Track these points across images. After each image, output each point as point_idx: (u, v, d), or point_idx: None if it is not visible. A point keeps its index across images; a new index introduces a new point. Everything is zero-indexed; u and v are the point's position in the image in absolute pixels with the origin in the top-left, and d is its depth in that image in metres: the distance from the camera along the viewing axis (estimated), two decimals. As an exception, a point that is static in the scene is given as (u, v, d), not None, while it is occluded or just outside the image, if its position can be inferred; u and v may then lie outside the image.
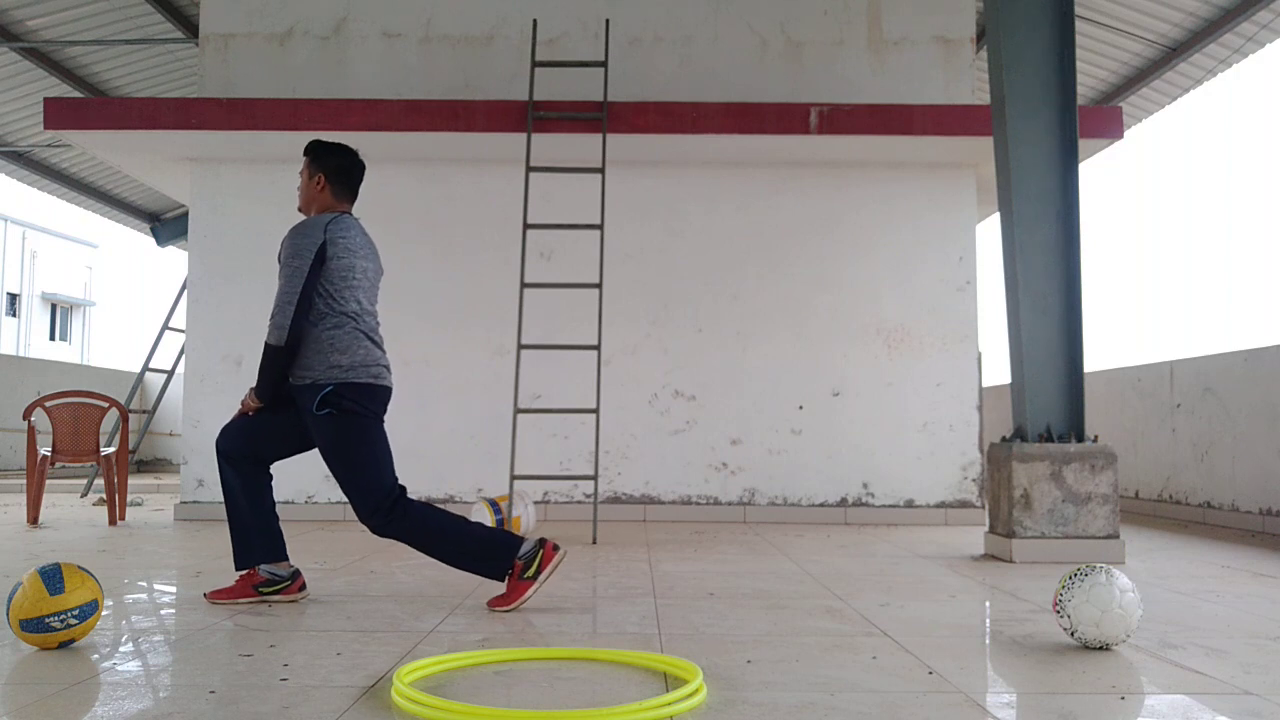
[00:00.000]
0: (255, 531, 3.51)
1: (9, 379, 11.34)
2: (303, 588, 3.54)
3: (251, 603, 3.44)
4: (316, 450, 3.53)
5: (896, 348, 6.78)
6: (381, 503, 3.39)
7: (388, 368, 3.59)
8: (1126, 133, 6.61)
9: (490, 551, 3.40)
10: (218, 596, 3.47)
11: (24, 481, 7.12)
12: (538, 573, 3.35)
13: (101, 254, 35.40)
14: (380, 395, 3.54)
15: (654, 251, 6.83)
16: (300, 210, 3.71)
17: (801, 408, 6.75)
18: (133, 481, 9.40)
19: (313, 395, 3.40)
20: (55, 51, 8.69)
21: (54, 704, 2.23)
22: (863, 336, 6.79)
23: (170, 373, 9.23)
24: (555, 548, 3.40)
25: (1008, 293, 4.92)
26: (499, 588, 3.48)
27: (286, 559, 3.54)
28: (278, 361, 3.41)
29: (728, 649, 2.78)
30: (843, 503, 6.68)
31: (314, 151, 3.67)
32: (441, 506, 6.61)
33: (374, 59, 6.90)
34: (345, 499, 3.50)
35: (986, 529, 5.04)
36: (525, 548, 3.38)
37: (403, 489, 3.49)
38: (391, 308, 6.88)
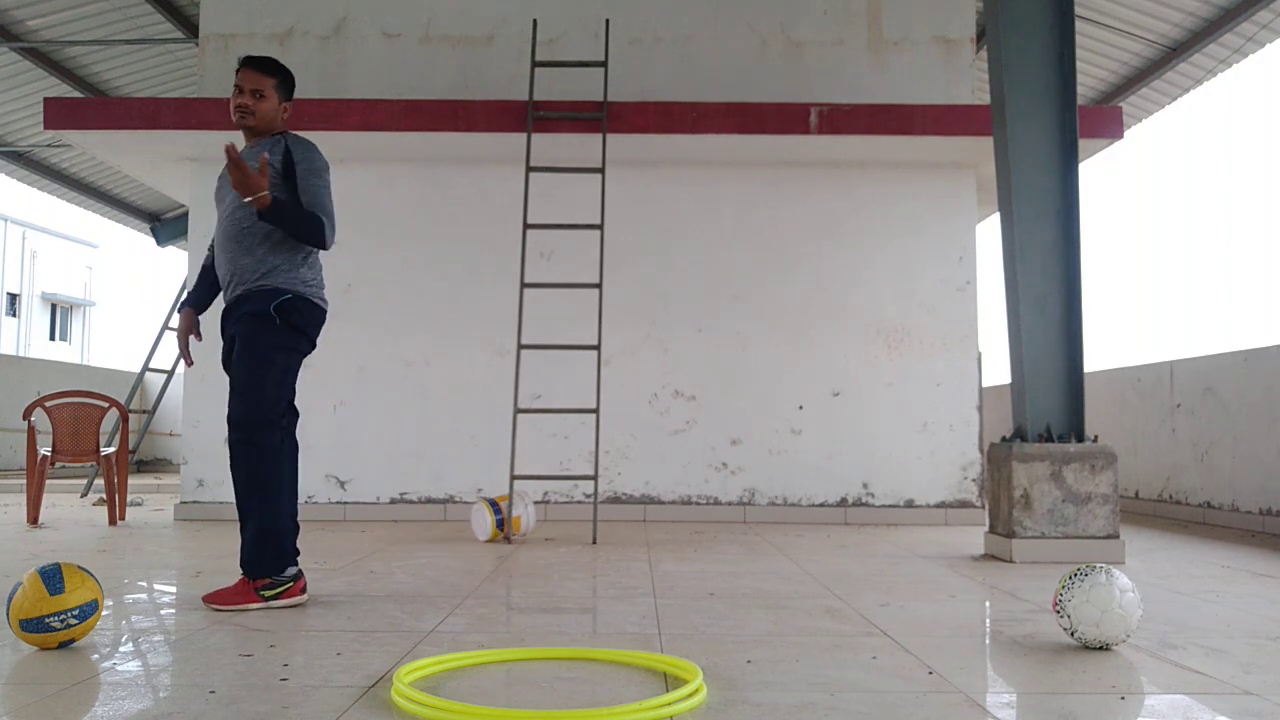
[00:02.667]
0: (292, 531, 3.43)
1: (9, 379, 11.34)
2: (304, 589, 3.44)
3: (260, 609, 3.33)
4: (312, 454, 3.50)
5: (896, 348, 6.78)
6: (270, 415, 3.37)
7: None
8: (1126, 133, 6.61)
9: (267, 549, 3.33)
10: (219, 601, 3.32)
11: (24, 481, 7.12)
12: (273, 598, 3.33)
13: (101, 254, 35.41)
14: (321, 318, 3.61)
15: (654, 251, 6.83)
16: (253, 127, 3.66)
17: (801, 408, 6.75)
18: (133, 481, 9.41)
19: (268, 299, 3.42)
20: (55, 51, 8.69)
21: (54, 704, 2.23)
22: (863, 336, 6.79)
23: (170, 373, 9.23)
24: (303, 589, 3.39)
25: (1008, 293, 4.92)
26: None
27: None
28: (308, 238, 3.49)
29: (728, 649, 2.78)
30: (843, 503, 6.68)
31: (286, 76, 3.66)
32: (441, 507, 6.66)
33: (374, 59, 6.90)
34: (344, 498, 3.47)
35: (986, 529, 5.04)
36: (289, 571, 3.36)
37: (289, 421, 3.44)
38: (391, 308, 6.92)
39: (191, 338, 3.76)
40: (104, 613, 3.22)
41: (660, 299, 6.80)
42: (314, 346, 3.60)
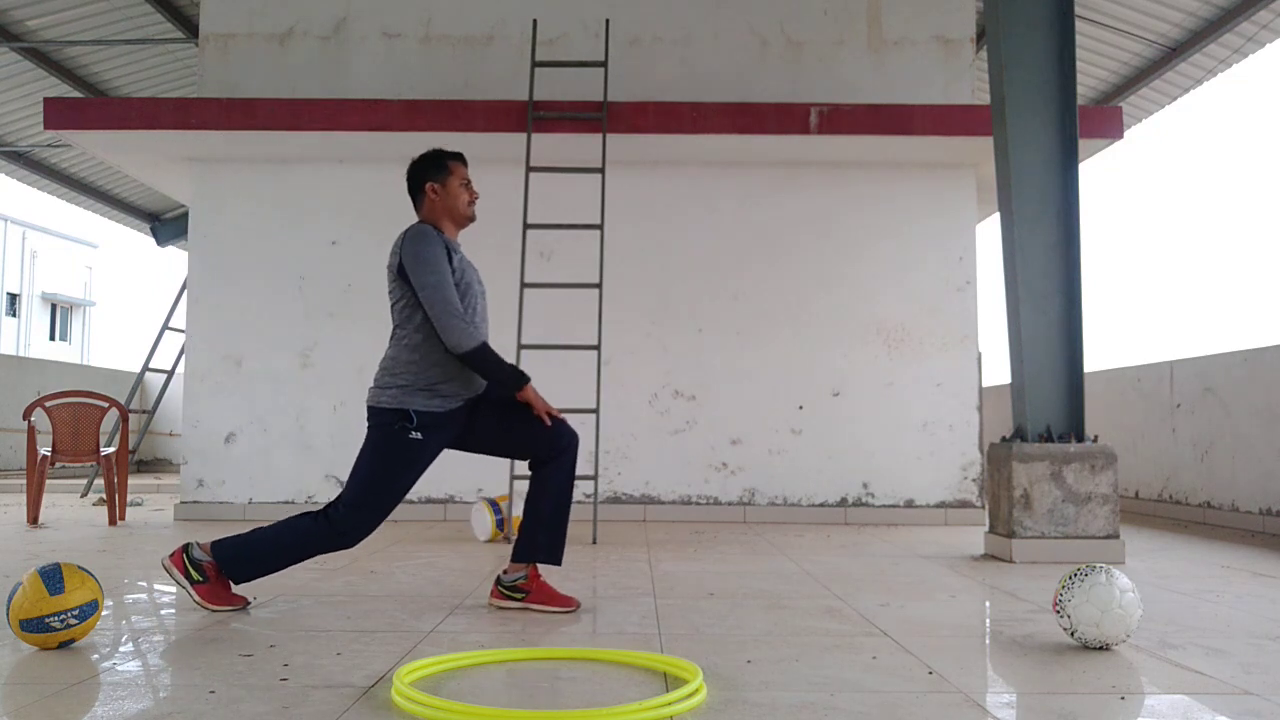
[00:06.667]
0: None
1: (9, 379, 11.34)
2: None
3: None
4: (322, 451, 3.50)
5: (896, 348, 6.79)
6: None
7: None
8: (1126, 133, 6.61)
9: (246, 555, 3.31)
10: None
11: (24, 481, 7.12)
12: (189, 578, 3.28)
13: (101, 254, 35.42)
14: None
15: (654, 251, 6.84)
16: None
17: (801, 408, 6.75)
18: (133, 481, 9.41)
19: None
20: (55, 51, 8.69)
21: (54, 704, 2.23)
22: (863, 336, 6.79)
23: (170, 373, 9.23)
24: (245, 603, 3.34)
25: (1008, 293, 4.92)
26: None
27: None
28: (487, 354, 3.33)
29: (728, 649, 2.78)
30: (843, 503, 6.68)
31: None
32: (441, 507, 6.66)
33: (374, 59, 6.90)
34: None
35: (986, 529, 5.04)
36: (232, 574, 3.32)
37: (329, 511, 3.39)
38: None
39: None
40: (104, 613, 3.22)
41: (660, 299, 6.80)
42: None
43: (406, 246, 3.34)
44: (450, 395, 3.34)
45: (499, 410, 3.45)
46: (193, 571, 3.29)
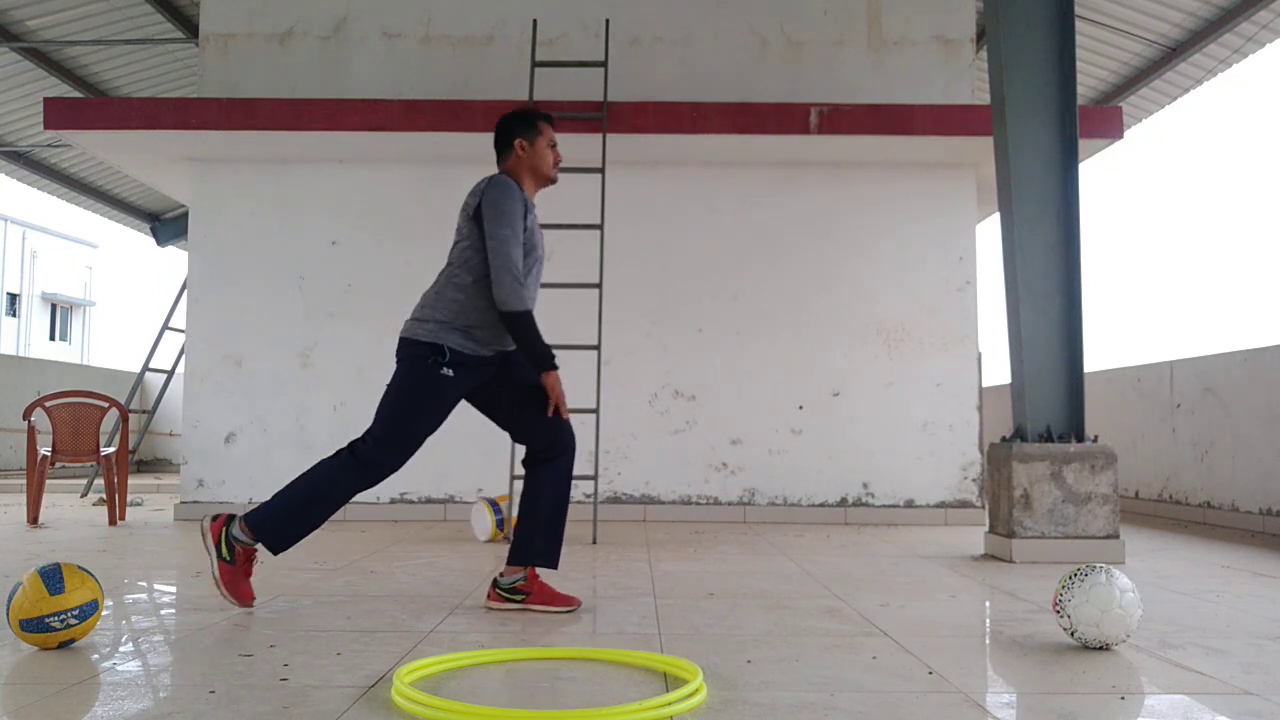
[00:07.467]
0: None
1: (9, 379, 11.34)
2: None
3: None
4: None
5: (896, 348, 6.79)
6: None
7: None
8: (1126, 133, 6.61)
9: (280, 517, 3.28)
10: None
11: (24, 481, 7.12)
12: (231, 560, 3.26)
13: (101, 254, 35.43)
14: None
15: (654, 251, 6.84)
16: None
17: (801, 408, 6.75)
18: (133, 481, 9.41)
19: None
20: (55, 51, 8.69)
21: (54, 704, 2.23)
22: (863, 336, 6.79)
23: (170, 373, 9.23)
24: (252, 603, 3.31)
25: (1008, 293, 4.92)
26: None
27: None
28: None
29: (728, 649, 2.78)
30: (843, 503, 6.68)
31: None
32: (441, 507, 6.66)
33: (374, 59, 6.90)
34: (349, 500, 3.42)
35: (986, 529, 5.04)
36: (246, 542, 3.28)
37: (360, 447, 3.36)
38: (391, 308, 6.89)
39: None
40: (104, 613, 3.22)
41: (660, 299, 6.80)
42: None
43: (489, 193, 3.39)
44: (484, 342, 3.36)
45: (517, 388, 3.47)
46: (224, 548, 3.26)
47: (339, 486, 3.31)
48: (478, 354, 3.36)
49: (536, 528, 3.41)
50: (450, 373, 3.31)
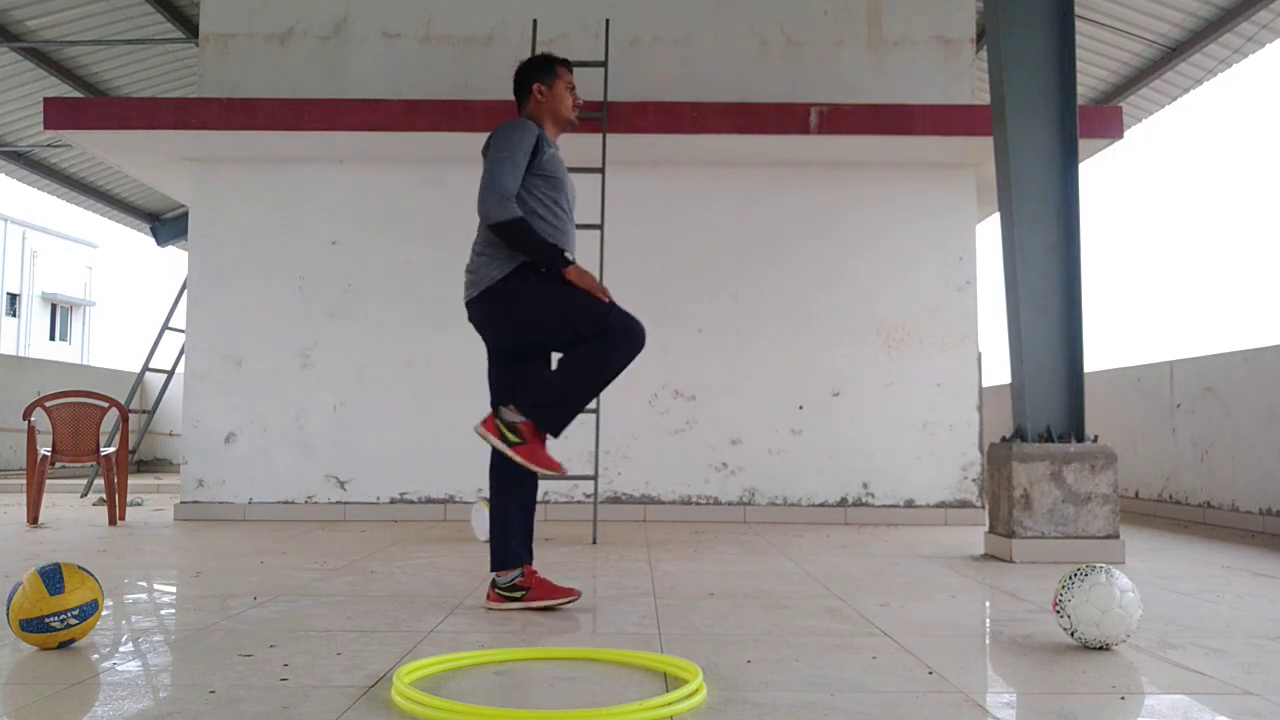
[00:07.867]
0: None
1: (9, 379, 11.34)
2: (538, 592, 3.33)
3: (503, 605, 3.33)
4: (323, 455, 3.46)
5: (896, 348, 6.79)
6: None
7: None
8: (1126, 133, 6.61)
9: (558, 402, 3.26)
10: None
11: (24, 481, 7.12)
12: (522, 440, 3.24)
13: (101, 254, 35.44)
14: None
15: (654, 251, 6.83)
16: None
17: (801, 408, 6.75)
18: (133, 481, 9.41)
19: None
20: (55, 51, 8.69)
21: (54, 704, 2.23)
22: (863, 336, 6.79)
23: (170, 373, 9.23)
24: (535, 431, 3.27)
25: (1008, 293, 4.92)
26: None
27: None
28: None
29: (728, 649, 2.78)
30: (843, 503, 6.68)
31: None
32: (441, 507, 6.66)
33: (374, 59, 6.90)
34: (344, 498, 3.43)
35: (986, 529, 5.04)
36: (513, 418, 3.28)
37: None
38: (391, 307, 6.92)
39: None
40: (104, 613, 3.22)
41: (660, 299, 6.80)
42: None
43: (498, 129, 3.43)
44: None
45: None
46: (509, 434, 3.24)
47: (612, 359, 3.24)
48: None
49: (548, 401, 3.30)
50: (545, 270, 3.33)
